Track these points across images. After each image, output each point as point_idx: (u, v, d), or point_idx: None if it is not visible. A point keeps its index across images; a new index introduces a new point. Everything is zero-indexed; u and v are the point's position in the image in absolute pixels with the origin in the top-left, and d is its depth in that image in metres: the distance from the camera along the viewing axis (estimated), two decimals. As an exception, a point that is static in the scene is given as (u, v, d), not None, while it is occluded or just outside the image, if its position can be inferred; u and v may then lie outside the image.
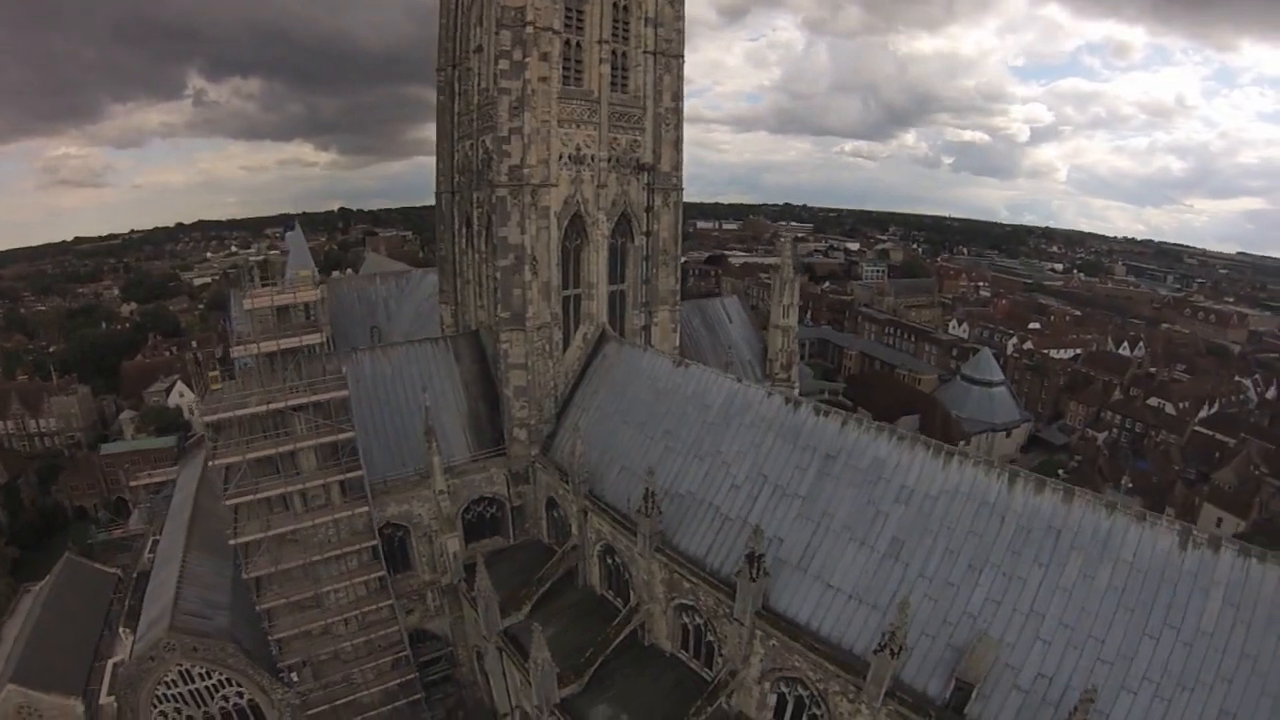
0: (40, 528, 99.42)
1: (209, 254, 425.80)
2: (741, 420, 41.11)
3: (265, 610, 42.33)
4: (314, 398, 41.13)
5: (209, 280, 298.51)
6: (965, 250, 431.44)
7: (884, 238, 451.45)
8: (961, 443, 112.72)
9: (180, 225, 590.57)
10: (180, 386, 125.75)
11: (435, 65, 59.22)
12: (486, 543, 53.60)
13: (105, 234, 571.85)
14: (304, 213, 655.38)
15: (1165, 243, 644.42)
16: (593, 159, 51.07)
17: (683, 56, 54.25)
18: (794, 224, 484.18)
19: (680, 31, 53.59)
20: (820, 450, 37.28)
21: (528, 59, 45.70)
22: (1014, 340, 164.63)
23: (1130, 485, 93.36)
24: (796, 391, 68.86)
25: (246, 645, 41.85)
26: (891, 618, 28.98)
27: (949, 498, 32.84)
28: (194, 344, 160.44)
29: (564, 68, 48.83)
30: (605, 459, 46.31)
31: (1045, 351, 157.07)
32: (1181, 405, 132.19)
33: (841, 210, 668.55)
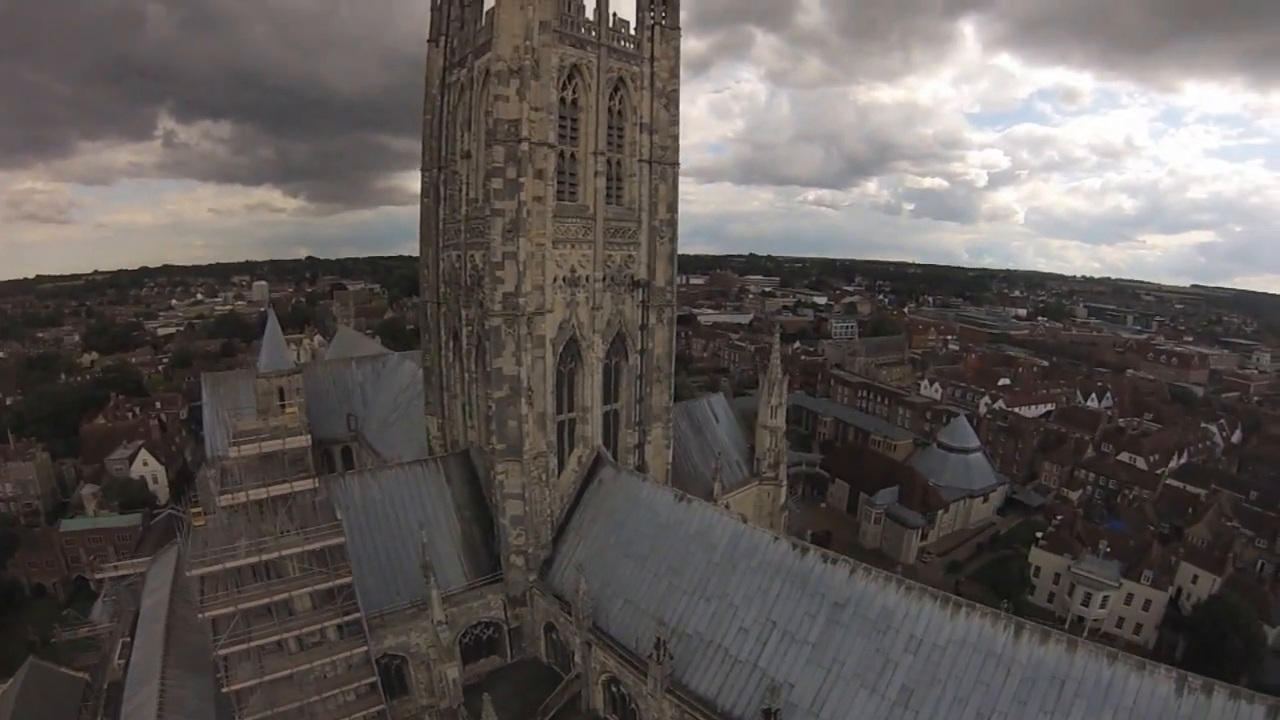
0: None
1: (174, 301, 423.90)
2: (748, 563, 41.06)
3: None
4: (308, 546, 39.98)
5: (173, 330, 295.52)
6: (930, 299, 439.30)
7: (850, 289, 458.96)
8: (940, 511, 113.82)
9: (145, 269, 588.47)
10: (144, 455, 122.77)
11: (420, 165, 59.15)
12: (484, 662, 52.78)
13: (68, 273, 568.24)
14: (272, 259, 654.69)
15: (1122, 279, 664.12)
16: (588, 279, 51.08)
17: (678, 164, 54.87)
18: (760, 277, 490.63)
19: (675, 138, 54.37)
20: (829, 598, 37.43)
21: (523, 178, 45.45)
22: (985, 399, 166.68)
23: (1108, 550, 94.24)
24: (785, 490, 69.53)
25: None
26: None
27: (957, 647, 33.34)
28: (158, 405, 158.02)
29: (558, 182, 48.75)
30: (607, 592, 45.94)
31: (1016, 410, 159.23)
32: (1152, 458, 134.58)
33: (806, 260, 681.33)
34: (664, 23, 53.20)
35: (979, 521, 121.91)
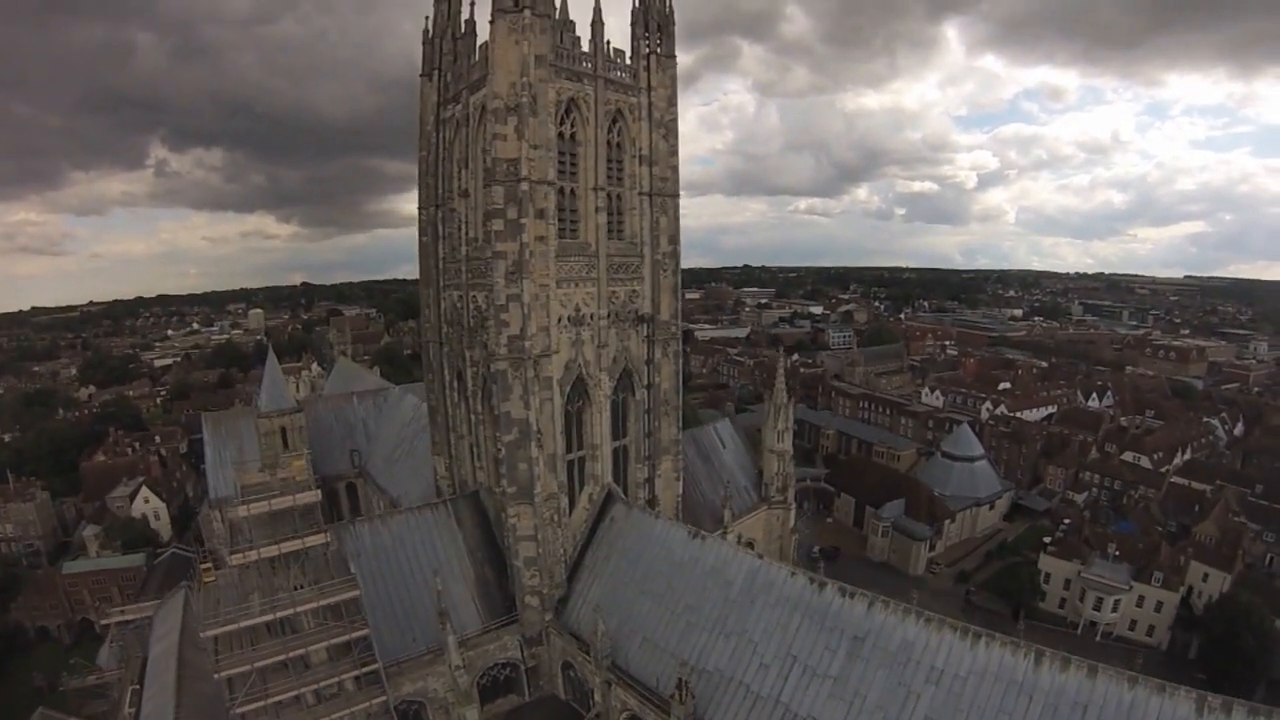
0: (0, 650, 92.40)
1: (170, 331, 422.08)
2: (766, 599, 41.03)
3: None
4: (323, 601, 39.81)
5: (170, 362, 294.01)
6: (926, 304, 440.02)
7: (845, 297, 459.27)
8: (947, 521, 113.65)
9: (140, 299, 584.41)
10: (145, 492, 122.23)
11: (417, 203, 58.99)
12: (502, 702, 52.56)
13: (63, 305, 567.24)
14: (267, 286, 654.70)
15: (1115, 274, 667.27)
16: (592, 317, 50.99)
17: (678, 195, 54.81)
18: (755, 289, 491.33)
19: (675, 169, 54.35)
20: (848, 632, 37.41)
21: (524, 219, 45.13)
22: (987, 405, 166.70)
23: (1117, 553, 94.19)
24: (793, 514, 69.43)
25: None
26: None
27: (978, 678, 33.38)
28: (157, 439, 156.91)
29: (558, 220, 48.44)
30: (625, 630, 45.81)
31: (1018, 414, 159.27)
32: (1156, 456, 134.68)
33: (800, 269, 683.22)
34: (660, 51, 53.17)
35: (986, 529, 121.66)
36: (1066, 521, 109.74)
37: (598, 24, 50.53)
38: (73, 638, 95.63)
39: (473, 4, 55.55)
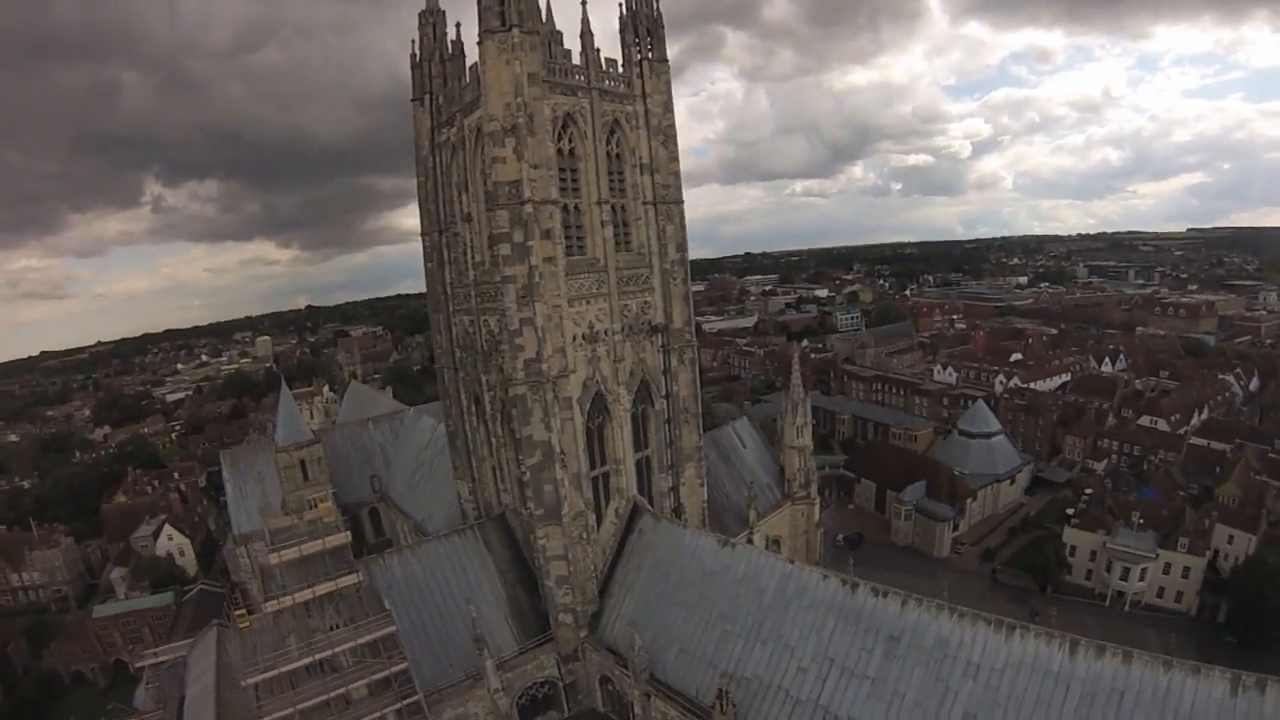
0: (37, 699, 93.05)
1: (179, 365, 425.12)
2: (799, 603, 41.26)
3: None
4: (361, 640, 39.99)
5: (182, 396, 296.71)
6: (931, 278, 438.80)
7: (849, 278, 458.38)
8: (968, 499, 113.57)
9: (147, 335, 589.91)
10: (168, 530, 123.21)
11: (420, 229, 58.78)
12: (542, 719, 52.82)
13: (71, 347, 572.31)
14: (272, 312, 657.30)
15: (1118, 233, 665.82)
16: (607, 333, 50.93)
17: (682, 202, 54.58)
18: (759, 277, 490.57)
19: (676, 175, 53.98)
20: (884, 631, 37.61)
21: (530, 241, 44.78)
22: (1000, 378, 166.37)
23: (1141, 521, 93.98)
24: (818, 507, 69.60)
25: None
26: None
27: (1015, 670, 33.63)
28: (175, 475, 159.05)
29: (565, 237, 47.97)
30: (660, 641, 46.06)
31: (1031, 385, 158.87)
32: (1174, 418, 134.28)
33: (802, 252, 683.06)
34: (651, 56, 52.65)
35: (1008, 504, 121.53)
36: (1088, 492, 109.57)
37: (586, 34, 49.97)
38: (108, 680, 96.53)
39: (458, 26, 55.36)
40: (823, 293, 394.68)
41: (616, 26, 53.21)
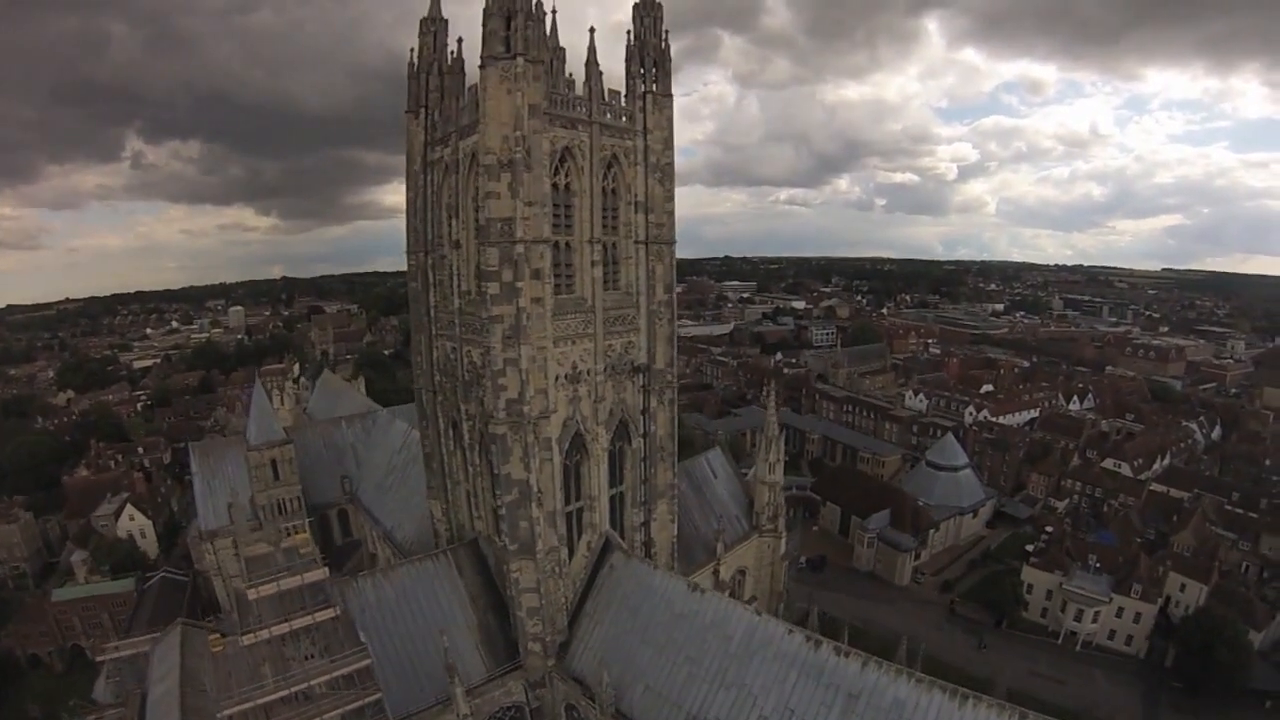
0: None
1: (149, 330, 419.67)
2: (764, 654, 42.10)
3: None
4: (337, 673, 39.86)
5: (150, 364, 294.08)
6: (909, 298, 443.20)
7: (827, 290, 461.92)
8: (931, 530, 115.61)
9: (118, 296, 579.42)
10: (130, 509, 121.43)
11: (405, 247, 57.31)
12: (507, 744, 53.31)
13: (40, 302, 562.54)
14: (247, 280, 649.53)
15: (1094, 266, 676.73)
16: (590, 373, 50.43)
17: (674, 243, 53.89)
18: (737, 283, 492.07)
19: (671, 214, 52.98)
20: (843, 689, 38.54)
21: (520, 283, 43.68)
22: (970, 409, 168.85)
23: (1098, 565, 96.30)
24: (784, 540, 70.73)
25: None
26: None
27: (967, 738, 34.48)
28: (140, 450, 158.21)
29: (554, 275, 46.77)
30: (627, 677, 46.71)
31: (1000, 419, 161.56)
32: (1136, 463, 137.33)
33: (782, 260, 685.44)
34: (656, 89, 51.11)
35: (969, 536, 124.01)
36: (1048, 530, 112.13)
37: (592, 64, 48.01)
38: (65, 665, 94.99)
39: (460, 42, 53.06)
40: (800, 304, 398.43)
41: (615, 41, 52.40)
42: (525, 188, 43.55)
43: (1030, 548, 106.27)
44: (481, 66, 42.93)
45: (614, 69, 52.18)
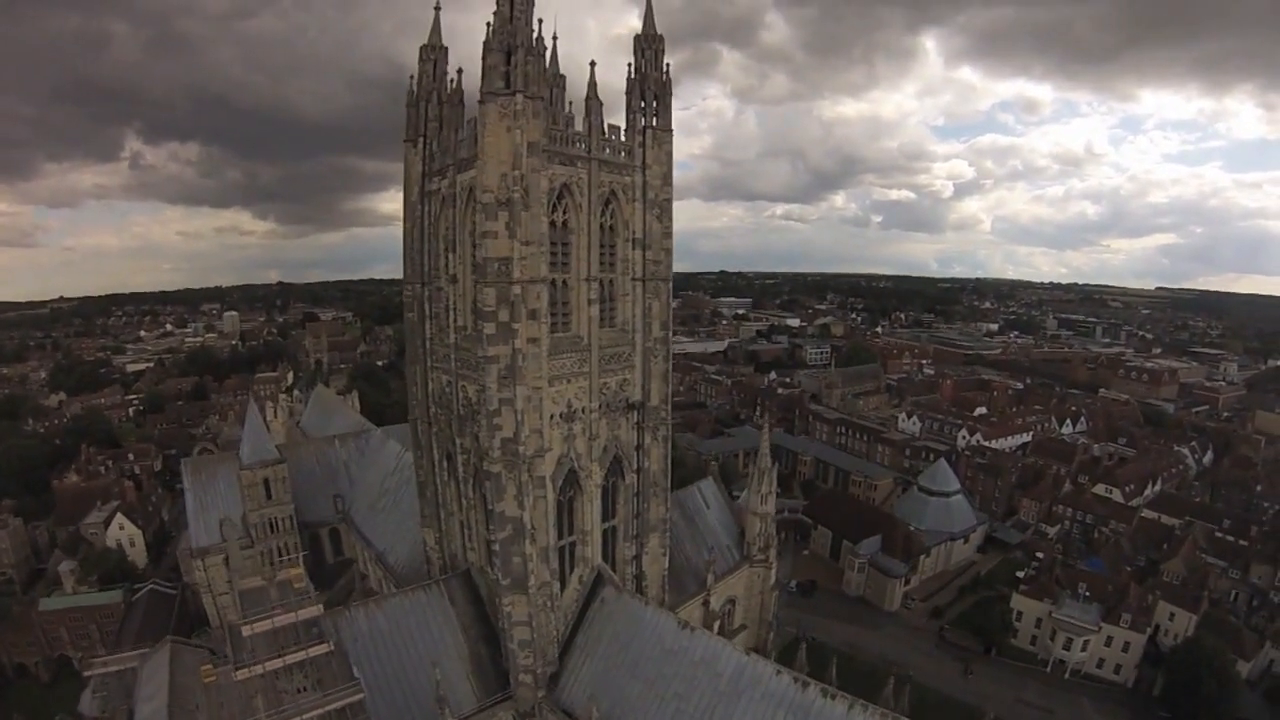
0: None
1: (143, 332, 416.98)
2: (752, 694, 42.52)
3: None
4: (329, 707, 40.33)
5: (143, 367, 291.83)
6: (903, 316, 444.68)
7: (822, 308, 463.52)
8: (922, 555, 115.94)
9: (113, 296, 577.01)
10: (120, 519, 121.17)
11: (403, 278, 57.42)
12: (494, 772, 53.47)
13: (33, 300, 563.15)
14: (242, 284, 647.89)
15: (1088, 285, 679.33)
16: (584, 410, 50.41)
17: (670, 280, 53.82)
18: (732, 299, 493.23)
19: (669, 251, 52.78)
20: (830, 731, 38.87)
21: (516, 324, 43.58)
22: (964, 432, 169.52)
23: (1087, 593, 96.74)
24: (774, 571, 71.13)
25: None
26: None
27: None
28: (131, 457, 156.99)
29: (550, 314, 46.61)
30: (616, 711, 47.01)
31: (993, 443, 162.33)
32: (1128, 489, 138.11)
33: (778, 276, 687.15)
34: (656, 124, 50.89)
35: (960, 561, 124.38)
36: (1039, 556, 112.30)
37: (593, 100, 48.04)
38: (51, 676, 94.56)
39: (460, 73, 53.03)
40: (795, 322, 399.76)
41: (620, 67, 51.95)
42: (523, 227, 43.23)
43: (1021, 574, 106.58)
44: (481, 102, 42.56)
45: (611, 83, 51.84)
